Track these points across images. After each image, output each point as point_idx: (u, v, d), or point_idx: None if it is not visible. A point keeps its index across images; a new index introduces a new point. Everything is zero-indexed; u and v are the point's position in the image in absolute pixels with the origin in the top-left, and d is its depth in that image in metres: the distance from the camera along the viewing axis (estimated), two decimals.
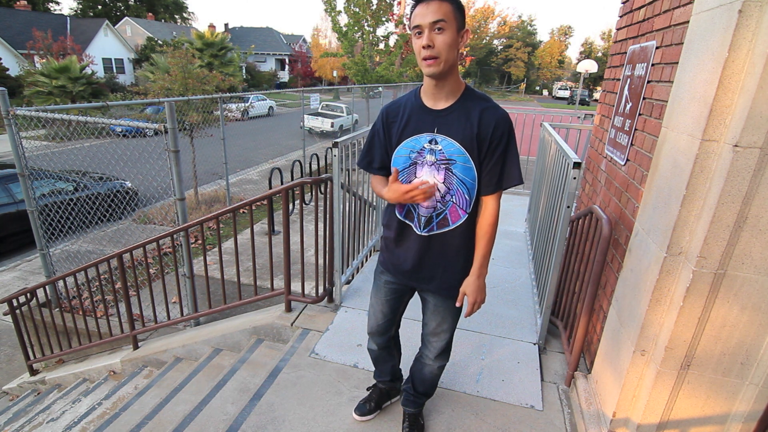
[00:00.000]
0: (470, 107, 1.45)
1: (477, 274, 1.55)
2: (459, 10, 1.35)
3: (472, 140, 1.44)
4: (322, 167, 7.93)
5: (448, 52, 1.34)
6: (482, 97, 1.49)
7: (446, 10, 1.31)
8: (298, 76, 39.84)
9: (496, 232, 1.54)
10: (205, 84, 7.70)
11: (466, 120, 1.44)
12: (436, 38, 1.32)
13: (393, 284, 1.74)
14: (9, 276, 5.47)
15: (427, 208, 1.54)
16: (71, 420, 3.10)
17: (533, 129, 6.42)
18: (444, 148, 1.47)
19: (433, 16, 1.30)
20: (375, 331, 1.87)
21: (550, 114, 11.56)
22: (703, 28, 1.47)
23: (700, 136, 1.40)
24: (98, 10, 40.79)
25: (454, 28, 1.33)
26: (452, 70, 1.41)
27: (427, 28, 1.32)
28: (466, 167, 1.47)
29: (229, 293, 4.14)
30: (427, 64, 1.36)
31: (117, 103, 4.95)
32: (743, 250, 1.40)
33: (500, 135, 1.44)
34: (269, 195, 2.88)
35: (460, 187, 1.49)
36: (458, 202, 1.51)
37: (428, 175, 1.51)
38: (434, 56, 1.34)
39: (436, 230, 1.56)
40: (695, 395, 1.60)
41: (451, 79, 1.43)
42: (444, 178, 1.49)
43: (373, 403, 2.06)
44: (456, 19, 1.33)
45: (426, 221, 1.56)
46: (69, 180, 6.21)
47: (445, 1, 1.31)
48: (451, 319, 1.71)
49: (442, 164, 1.48)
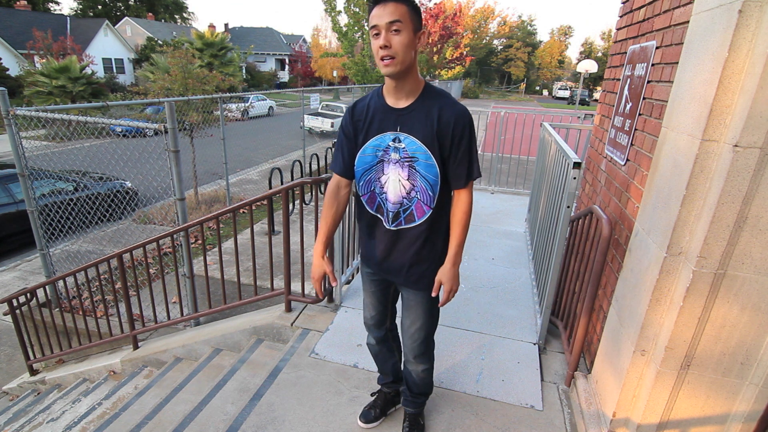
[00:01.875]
0: (430, 105, 1.49)
1: (452, 262, 1.59)
2: (415, 12, 1.40)
3: (433, 138, 1.48)
4: (322, 167, 7.93)
5: (405, 53, 1.39)
6: (441, 93, 1.53)
7: (402, 11, 1.36)
8: (298, 76, 39.83)
9: (469, 224, 1.60)
10: (205, 84, 7.70)
11: (426, 118, 1.49)
12: (392, 38, 1.37)
13: (373, 275, 1.80)
14: (9, 276, 5.47)
15: (393, 204, 1.59)
16: (71, 420, 3.10)
17: (533, 129, 6.41)
18: (407, 146, 1.51)
19: (390, 16, 1.35)
20: (370, 323, 1.91)
21: (550, 114, 11.55)
22: (703, 28, 1.47)
23: (700, 136, 1.40)
24: (98, 10, 40.79)
25: (410, 29, 1.38)
26: (410, 70, 1.46)
27: (383, 28, 1.37)
28: (428, 164, 1.51)
29: (229, 293, 4.14)
30: (385, 64, 1.40)
31: (117, 103, 4.95)
32: (743, 250, 1.40)
33: (461, 130, 1.49)
34: (269, 195, 2.88)
35: (423, 183, 1.54)
36: (422, 198, 1.56)
37: (393, 172, 1.56)
38: (391, 56, 1.38)
39: (404, 225, 1.61)
40: (695, 395, 1.60)
41: (410, 78, 1.47)
42: (408, 175, 1.54)
43: (378, 409, 2.06)
44: (412, 20, 1.39)
45: (393, 216, 1.61)
46: (69, 180, 6.21)
47: (401, 3, 1.36)
48: (424, 316, 1.74)
49: (406, 162, 1.53)
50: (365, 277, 1.84)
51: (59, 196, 5.50)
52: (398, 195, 1.57)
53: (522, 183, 6.69)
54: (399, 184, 1.56)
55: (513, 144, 7.49)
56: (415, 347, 1.80)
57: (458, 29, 29.18)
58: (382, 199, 1.61)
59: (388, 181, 1.57)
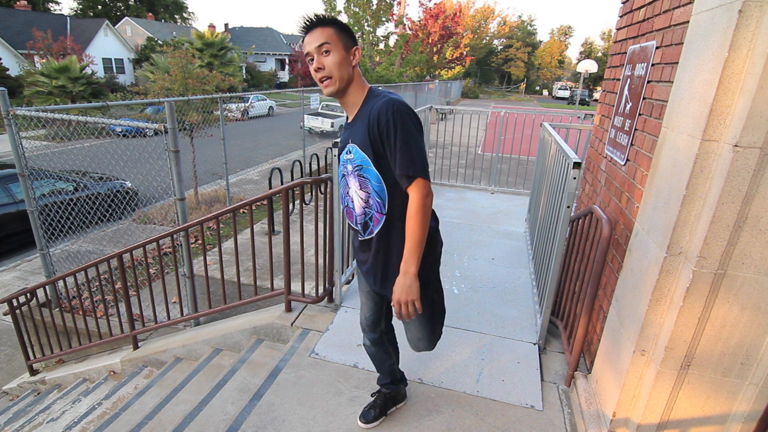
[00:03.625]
0: (368, 110, 1.49)
1: (402, 271, 1.45)
2: (343, 31, 1.47)
3: (366, 140, 1.47)
4: (322, 167, 7.93)
5: (340, 70, 1.45)
6: (378, 94, 1.51)
7: (329, 34, 1.43)
8: (298, 76, 39.75)
9: (425, 226, 1.43)
10: (205, 84, 7.69)
11: (364, 122, 1.48)
12: (324, 60, 1.44)
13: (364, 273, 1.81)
14: (9, 276, 5.47)
15: (359, 215, 1.61)
16: (71, 420, 3.10)
17: (533, 129, 6.42)
18: (354, 156, 1.53)
19: (318, 41, 1.43)
20: (364, 325, 1.93)
21: (550, 114, 11.55)
22: (703, 28, 1.47)
23: (700, 136, 1.40)
24: (98, 10, 40.77)
25: (340, 48, 1.44)
26: (350, 85, 1.50)
27: (315, 52, 1.44)
28: (369, 169, 1.50)
29: (229, 293, 4.14)
30: (324, 85, 1.47)
31: (117, 103, 4.95)
32: (743, 250, 1.40)
33: (386, 124, 1.41)
34: (269, 195, 2.88)
35: (372, 191, 1.54)
36: (375, 206, 1.56)
37: (352, 184, 1.58)
38: (328, 76, 1.45)
39: (373, 234, 1.60)
40: (695, 395, 1.60)
41: (352, 91, 1.52)
42: (360, 185, 1.55)
43: (378, 409, 2.06)
44: (341, 39, 1.45)
45: (363, 227, 1.62)
46: (69, 180, 6.21)
47: (326, 26, 1.44)
48: (421, 328, 1.75)
49: (356, 172, 1.54)
50: (361, 279, 1.85)
51: (59, 196, 5.49)
52: (359, 206, 1.59)
53: (522, 183, 6.69)
54: (357, 196, 1.58)
55: (513, 144, 7.50)
56: (423, 347, 1.84)
57: (458, 29, 29.22)
58: (353, 213, 1.64)
59: (351, 194, 1.61)
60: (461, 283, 3.36)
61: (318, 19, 1.46)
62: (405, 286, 1.44)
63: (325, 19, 1.46)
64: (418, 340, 1.80)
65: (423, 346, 1.83)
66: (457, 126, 9.66)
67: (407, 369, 2.31)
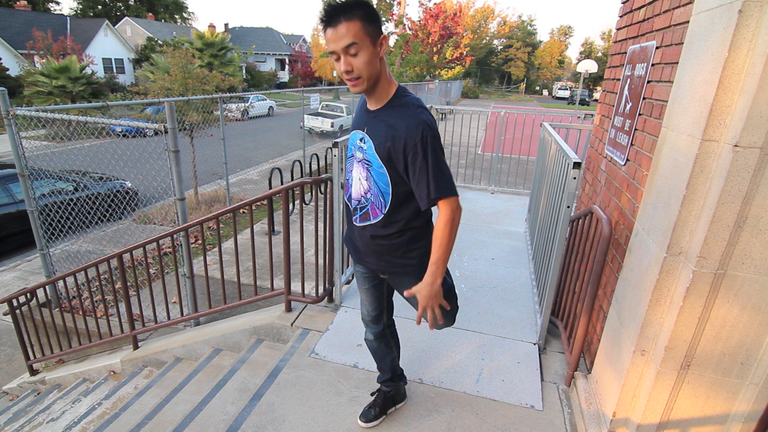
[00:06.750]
0: (391, 115, 1.47)
1: (428, 281, 1.46)
2: (370, 22, 1.32)
3: (384, 150, 1.47)
4: (322, 167, 7.93)
5: (369, 69, 1.37)
6: (404, 104, 1.46)
7: (356, 30, 1.30)
8: (298, 76, 39.83)
9: (454, 238, 1.46)
10: (205, 84, 7.69)
11: (384, 127, 1.47)
12: (353, 62, 1.35)
13: (362, 272, 1.82)
14: (9, 276, 5.47)
15: (354, 199, 1.63)
16: (71, 420, 3.10)
17: (533, 129, 6.42)
18: (367, 149, 1.53)
19: (345, 40, 1.30)
20: (367, 319, 1.93)
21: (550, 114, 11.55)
22: (703, 28, 1.47)
23: (700, 136, 1.40)
24: (98, 10, 40.78)
25: (368, 44, 1.34)
26: (378, 81, 1.45)
27: (341, 53, 1.34)
28: (380, 172, 1.52)
29: (229, 293, 4.14)
30: (352, 84, 1.41)
31: (117, 103, 4.95)
32: (743, 250, 1.40)
33: (414, 147, 1.40)
34: (269, 195, 2.88)
35: (376, 188, 1.55)
36: (375, 202, 1.57)
37: (357, 169, 1.59)
38: (357, 77, 1.38)
39: (367, 222, 1.62)
40: (695, 395, 1.60)
41: (379, 87, 1.47)
42: (366, 176, 1.57)
43: (378, 408, 2.06)
44: (368, 34, 1.33)
45: (353, 210, 1.65)
46: (69, 180, 6.21)
47: (352, 20, 1.29)
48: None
49: (365, 163, 1.55)
50: (358, 276, 1.87)
51: (59, 196, 5.49)
52: (358, 192, 1.61)
53: (522, 183, 6.69)
54: (359, 182, 1.60)
55: (513, 144, 7.50)
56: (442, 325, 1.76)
57: (458, 29, 29.20)
58: (349, 190, 1.66)
59: (353, 177, 1.62)
60: (461, 283, 3.35)
61: (342, 5, 1.29)
62: (432, 295, 1.47)
63: (350, 4, 1.30)
64: (441, 325, 1.76)
65: (444, 324, 1.77)
66: (457, 126, 9.66)
67: (407, 369, 2.31)
